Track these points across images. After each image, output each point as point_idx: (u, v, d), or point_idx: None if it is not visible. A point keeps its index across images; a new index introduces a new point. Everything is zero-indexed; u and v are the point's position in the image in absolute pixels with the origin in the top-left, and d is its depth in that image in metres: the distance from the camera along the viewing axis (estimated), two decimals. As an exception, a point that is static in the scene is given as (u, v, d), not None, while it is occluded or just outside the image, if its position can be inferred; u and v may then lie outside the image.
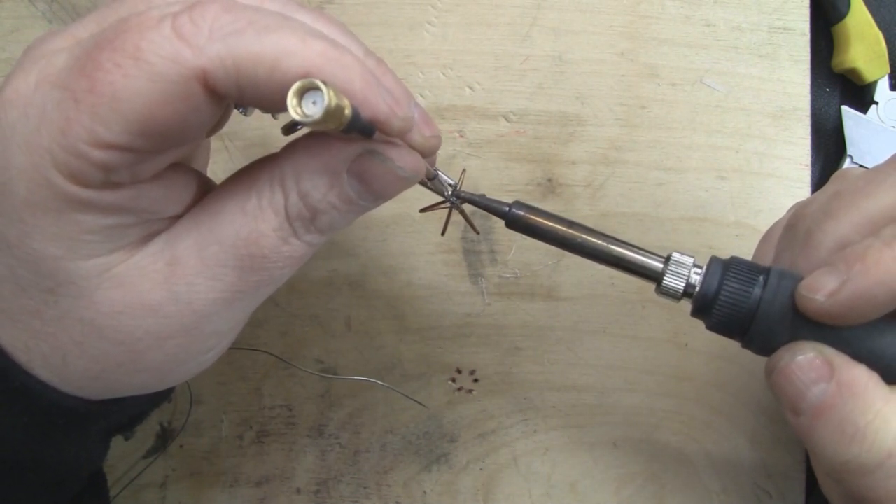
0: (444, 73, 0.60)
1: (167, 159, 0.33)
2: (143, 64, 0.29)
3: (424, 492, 0.58)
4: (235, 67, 0.29)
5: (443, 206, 0.45)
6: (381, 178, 0.35)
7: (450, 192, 0.44)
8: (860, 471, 0.35)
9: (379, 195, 0.36)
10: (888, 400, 0.35)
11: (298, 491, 0.57)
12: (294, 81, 0.29)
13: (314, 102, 0.28)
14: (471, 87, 0.60)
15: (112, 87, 0.29)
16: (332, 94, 0.28)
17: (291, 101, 0.28)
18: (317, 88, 0.28)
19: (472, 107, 0.60)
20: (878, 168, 0.39)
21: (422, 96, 0.60)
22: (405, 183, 0.37)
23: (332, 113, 0.28)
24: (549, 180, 0.59)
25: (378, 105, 0.32)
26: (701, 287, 0.39)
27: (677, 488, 0.57)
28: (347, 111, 0.29)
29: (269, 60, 0.30)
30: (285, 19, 0.31)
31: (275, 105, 0.31)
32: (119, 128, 0.30)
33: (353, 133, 0.31)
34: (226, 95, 0.31)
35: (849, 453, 0.35)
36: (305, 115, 0.28)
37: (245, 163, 0.37)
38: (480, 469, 0.58)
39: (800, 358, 0.36)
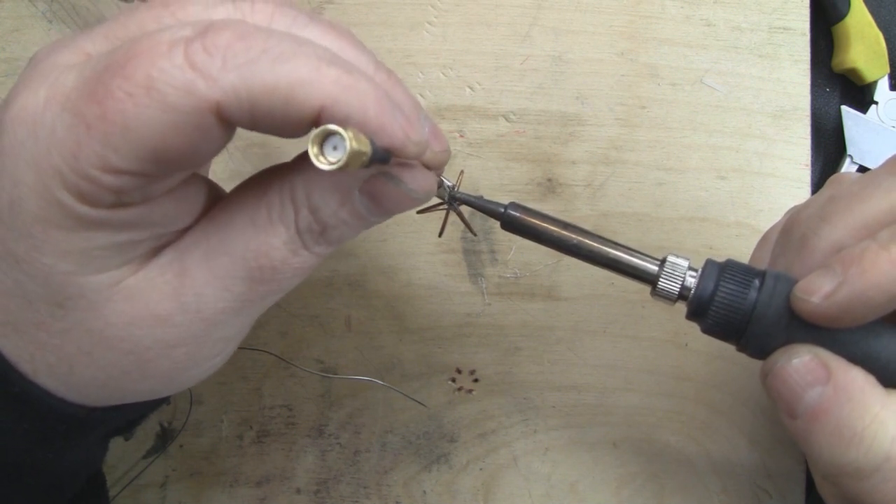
0: (444, 73, 0.60)
1: (178, 179, 0.33)
2: (154, 94, 0.29)
3: (424, 492, 0.58)
4: (249, 99, 0.29)
5: (440, 207, 0.45)
6: (394, 199, 0.36)
7: (447, 194, 0.44)
8: (857, 474, 0.35)
9: (390, 213, 0.36)
10: (885, 403, 0.35)
11: (298, 491, 0.58)
12: (310, 112, 0.29)
13: (335, 147, 0.28)
14: (471, 87, 0.60)
15: (123, 115, 0.29)
16: (352, 138, 0.28)
17: (313, 149, 0.28)
18: (337, 133, 0.28)
19: (472, 107, 0.60)
20: (872, 172, 0.39)
21: (422, 96, 0.60)
22: (417, 202, 0.37)
23: (354, 156, 0.28)
24: (549, 180, 0.59)
25: (394, 133, 0.32)
26: (696, 290, 0.39)
27: (677, 488, 0.57)
28: (367, 150, 0.29)
29: (283, 91, 0.29)
30: (299, 45, 0.30)
31: (289, 133, 0.31)
32: (131, 155, 0.29)
33: (372, 165, 0.31)
34: (239, 124, 0.31)
35: (846, 457, 0.35)
36: (330, 163, 0.28)
37: (245, 163, 0.37)
38: (480, 469, 0.58)
39: (795, 361, 0.36)
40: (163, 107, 0.29)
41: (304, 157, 0.35)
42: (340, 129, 0.28)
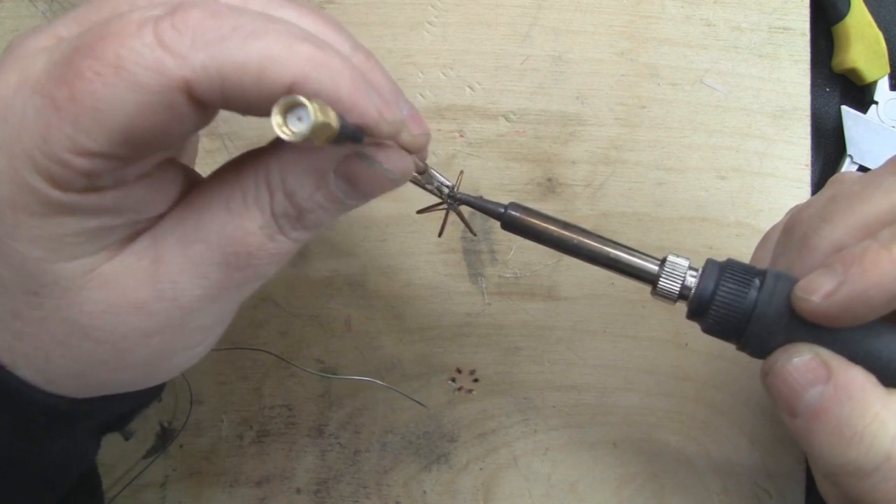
0: (444, 73, 0.60)
1: (151, 162, 0.33)
2: (123, 73, 0.28)
3: (424, 492, 0.58)
4: (220, 77, 0.29)
5: (440, 207, 0.45)
6: (369, 180, 0.35)
7: (447, 194, 0.44)
8: (858, 473, 0.35)
9: (367, 195, 0.36)
10: (885, 403, 0.35)
11: (298, 491, 0.58)
12: (281, 89, 0.29)
13: (300, 119, 0.27)
14: (471, 87, 0.60)
15: (93, 96, 0.28)
16: (317, 109, 0.27)
17: (276, 118, 0.27)
18: (301, 104, 0.27)
19: (472, 107, 0.60)
20: (873, 172, 0.39)
21: (422, 96, 0.60)
22: (394, 184, 0.36)
23: (318, 128, 0.27)
24: (549, 180, 0.59)
25: (367, 111, 0.31)
26: (696, 289, 0.39)
27: (677, 488, 0.57)
28: (334, 124, 0.28)
29: (254, 69, 0.29)
30: (271, 22, 0.30)
31: (262, 112, 0.30)
32: (101, 137, 0.29)
33: (342, 142, 0.30)
34: (210, 104, 0.30)
35: (846, 456, 0.35)
36: (293, 134, 0.27)
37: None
38: (480, 469, 0.58)
39: (796, 360, 0.36)
40: (132, 86, 0.28)
41: (279, 141, 0.35)
42: (304, 100, 0.27)
